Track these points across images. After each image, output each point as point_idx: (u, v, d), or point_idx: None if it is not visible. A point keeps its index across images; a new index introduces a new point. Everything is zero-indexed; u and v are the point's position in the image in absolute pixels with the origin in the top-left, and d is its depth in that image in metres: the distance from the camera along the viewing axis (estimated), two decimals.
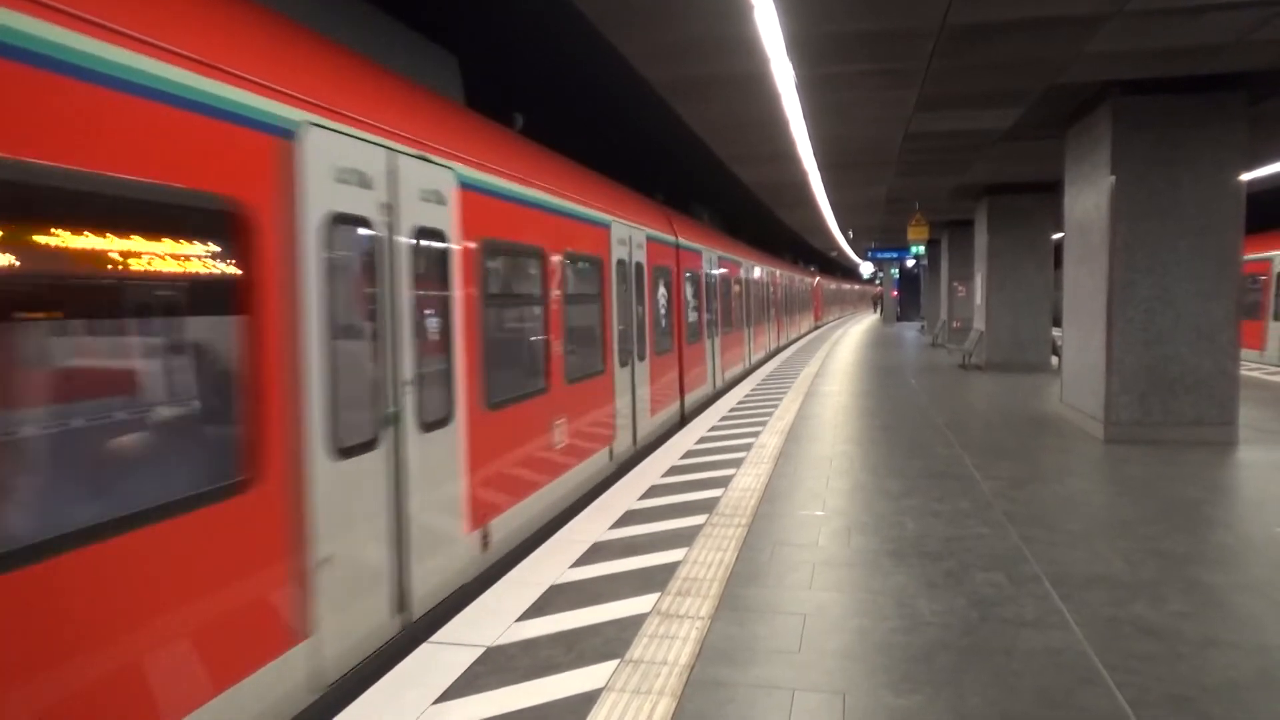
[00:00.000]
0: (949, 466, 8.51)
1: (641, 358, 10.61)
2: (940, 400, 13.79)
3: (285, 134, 3.85)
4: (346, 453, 4.22)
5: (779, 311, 28.79)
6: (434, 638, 4.40)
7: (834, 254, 50.37)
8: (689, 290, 13.95)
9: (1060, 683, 3.82)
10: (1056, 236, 19.86)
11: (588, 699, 3.71)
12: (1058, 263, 14.43)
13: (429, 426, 5.06)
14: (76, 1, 2.84)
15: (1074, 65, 8.74)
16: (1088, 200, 10.68)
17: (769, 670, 3.99)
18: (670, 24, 7.37)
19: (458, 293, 5.54)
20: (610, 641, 4.33)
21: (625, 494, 7.49)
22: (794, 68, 8.69)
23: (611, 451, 9.19)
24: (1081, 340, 10.95)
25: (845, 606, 4.79)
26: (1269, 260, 19.89)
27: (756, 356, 22.80)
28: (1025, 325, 18.77)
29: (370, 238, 4.56)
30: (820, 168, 15.67)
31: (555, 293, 7.52)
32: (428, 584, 5.01)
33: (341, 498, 4.17)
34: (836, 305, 62.72)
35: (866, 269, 57.34)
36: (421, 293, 5.06)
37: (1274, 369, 18.45)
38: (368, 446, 4.43)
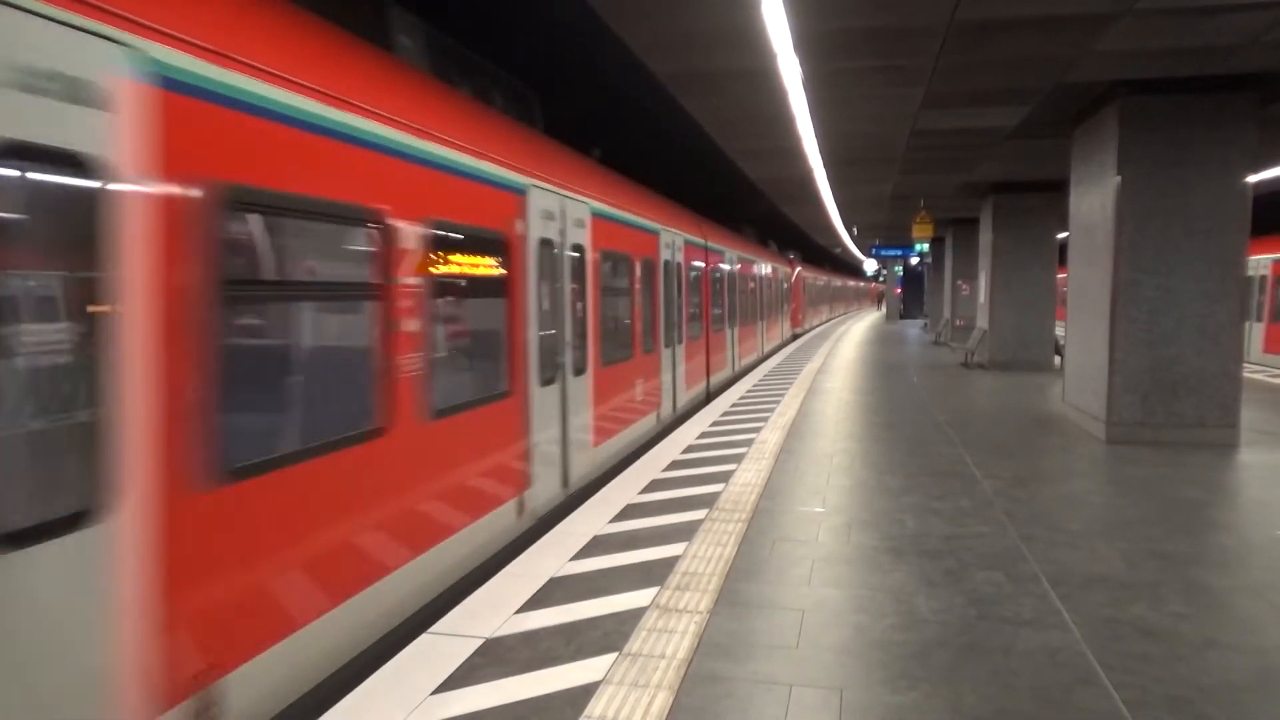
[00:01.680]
0: (950, 465, 8.50)
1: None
2: (942, 398, 13.78)
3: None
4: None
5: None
6: (433, 628, 4.41)
7: (838, 250, 50.17)
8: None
9: (1058, 682, 3.82)
10: (1061, 236, 19.85)
11: (586, 691, 3.72)
12: (1062, 261, 14.41)
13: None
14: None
15: (1082, 64, 8.71)
16: (1093, 200, 10.65)
17: (767, 665, 3.99)
18: (677, 16, 7.35)
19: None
20: (609, 635, 4.34)
21: (626, 488, 7.50)
22: (801, 63, 8.66)
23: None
24: (1085, 340, 10.93)
25: (844, 603, 4.79)
26: None
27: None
28: (1029, 324, 18.74)
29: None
30: (826, 164, 15.64)
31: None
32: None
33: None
34: (831, 303, 53.78)
35: (870, 265, 56.91)
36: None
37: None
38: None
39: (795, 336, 32.80)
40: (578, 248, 7.91)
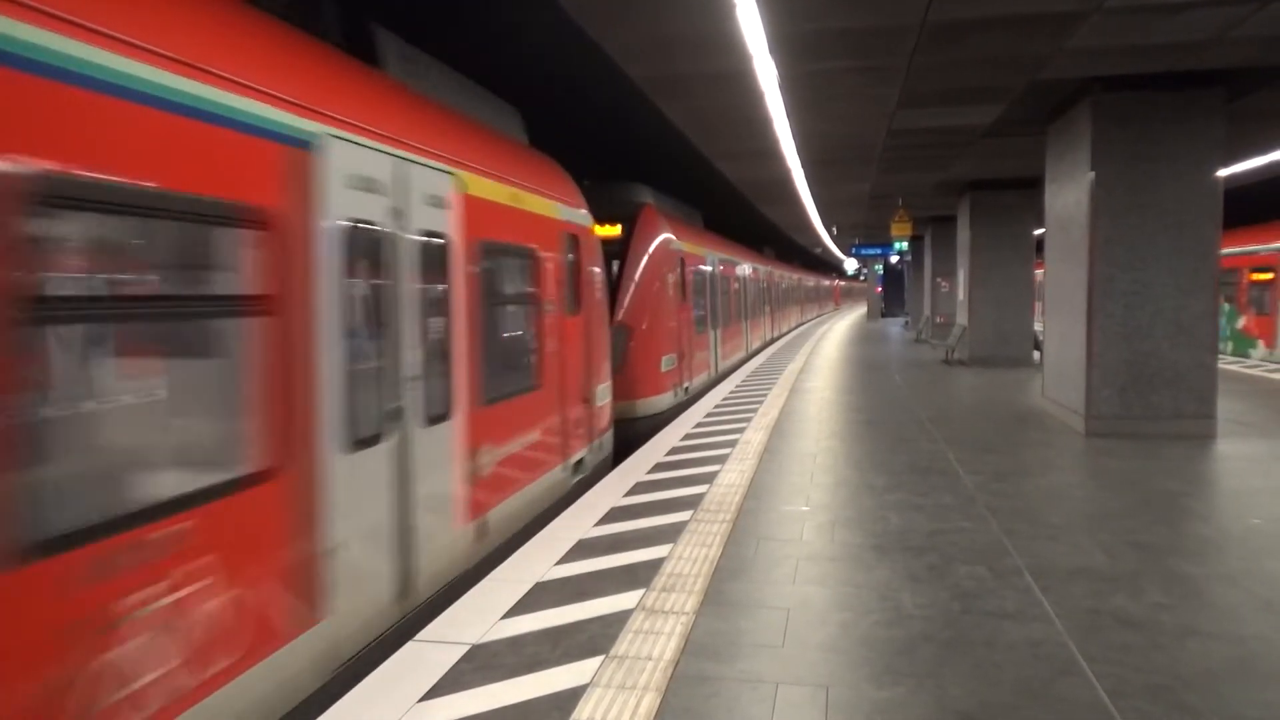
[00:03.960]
0: (932, 461, 8.56)
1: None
2: (924, 395, 13.88)
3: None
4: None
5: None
6: (419, 635, 4.39)
7: (821, 247, 50.25)
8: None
9: (1040, 674, 3.86)
10: (1038, 232, 20.04)
11: (573, 695, 3.72)
12: (1040, 257, 14.53)
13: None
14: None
15: (1054, 62, 8.81)
16: (1068, 196, 10.77)
17: (753, 664, 4.01)
18: (652, 20, 7.37)
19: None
20: (595, 638, 4.34)
21: (610, 491, 7.50)
22: (777, 65, 8.71)
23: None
24: (1063, 335, 11.04)
25: (829, 600, 4.82)
26: None
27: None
28: (1008, 320, 18.91)
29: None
30: (804, 164, 15.72)
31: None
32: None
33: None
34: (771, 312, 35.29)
35: (851, 265, 57.02)
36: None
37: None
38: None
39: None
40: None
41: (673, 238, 13.41)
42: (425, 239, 5.24)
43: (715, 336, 17.28)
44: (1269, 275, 19.77)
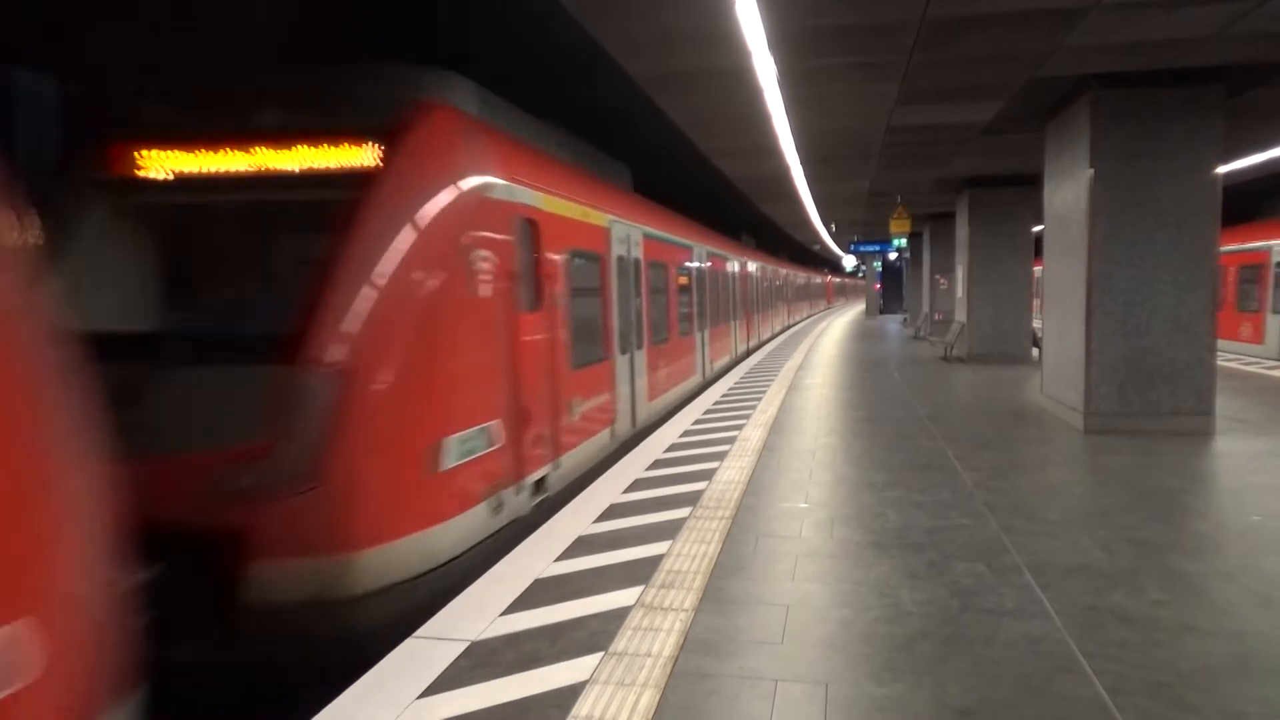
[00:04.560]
0: (931, 458, 8.57)
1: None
2: (922, 392, 13.88)
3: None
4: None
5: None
6: (418, 632, 4.39)
7: (817, 248, 50.23)
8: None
9: (1039, 671, 3.86)
10: (1037, 229, 20.03)
11: (572, 691, 3.72)
12: (1038, 254, 14.54)
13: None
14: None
15: (1053, 59, 8.79)
16: (1067, 193, 10.76)
17: (752, 661, 4.01)
18: (651, 16, 7.35)
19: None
20: (594, 634, 4.34)
21: (609, 488, 7.50)
22: (776, 62, 8.69)
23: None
24: (1061, 332, 11.04)
25: (828, 597, 4.82)
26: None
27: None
28: (1006, 317, 18.90)
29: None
30: (802, 161, 15.70)
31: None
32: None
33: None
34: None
35: (849, 261, 56.97)
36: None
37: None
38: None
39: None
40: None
41: (497, 181, 6.48)
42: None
43: (634, 364, 10.67)
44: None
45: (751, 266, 24.70)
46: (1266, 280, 19.37)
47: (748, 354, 23.67)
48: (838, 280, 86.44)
